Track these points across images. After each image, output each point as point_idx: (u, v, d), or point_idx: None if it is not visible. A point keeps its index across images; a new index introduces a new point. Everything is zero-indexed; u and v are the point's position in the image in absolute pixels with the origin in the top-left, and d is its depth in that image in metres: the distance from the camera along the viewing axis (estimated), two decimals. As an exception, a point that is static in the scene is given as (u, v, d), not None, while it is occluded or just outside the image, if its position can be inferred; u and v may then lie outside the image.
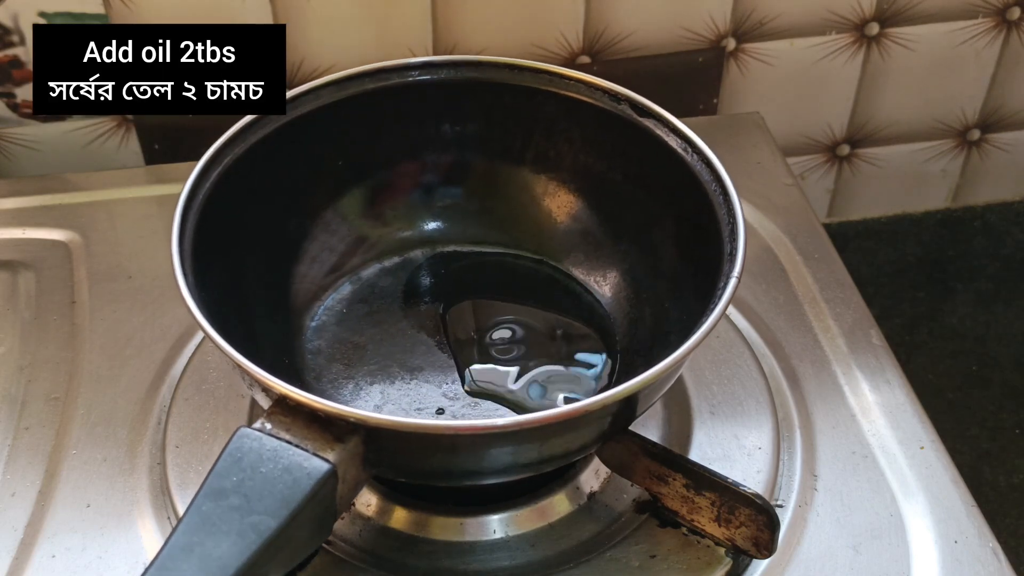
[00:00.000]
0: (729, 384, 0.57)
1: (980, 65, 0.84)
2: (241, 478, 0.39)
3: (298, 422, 0.41)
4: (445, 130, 0.59)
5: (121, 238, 0.68)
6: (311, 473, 0.39)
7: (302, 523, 0.39)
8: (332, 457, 0.40)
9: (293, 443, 0.40)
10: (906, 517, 0.52)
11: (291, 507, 0.38)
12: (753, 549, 0.48)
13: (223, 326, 0.44)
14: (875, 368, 0.60)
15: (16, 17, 0.69)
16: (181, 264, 0.47)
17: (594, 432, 0.46)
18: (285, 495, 0.39)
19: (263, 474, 0.39)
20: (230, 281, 0.51)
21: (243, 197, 0.53)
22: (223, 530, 0.37)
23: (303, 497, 0.39)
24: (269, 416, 0.42)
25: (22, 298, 0.63)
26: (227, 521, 0.38)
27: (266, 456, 0.40)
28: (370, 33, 0.73)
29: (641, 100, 0.55)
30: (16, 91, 0.72)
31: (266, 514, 0.38)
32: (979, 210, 0.94)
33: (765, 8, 0.78)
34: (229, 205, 0.51)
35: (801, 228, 0.69)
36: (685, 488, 0.49)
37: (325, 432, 0.41)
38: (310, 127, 0.55)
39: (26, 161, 0.75)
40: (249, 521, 0.38)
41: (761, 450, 0.54)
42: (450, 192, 0.61)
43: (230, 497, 0.38)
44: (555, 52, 0.76)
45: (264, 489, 0.39)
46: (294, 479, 0.39)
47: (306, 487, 0.39)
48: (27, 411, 0.57)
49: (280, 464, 0.40)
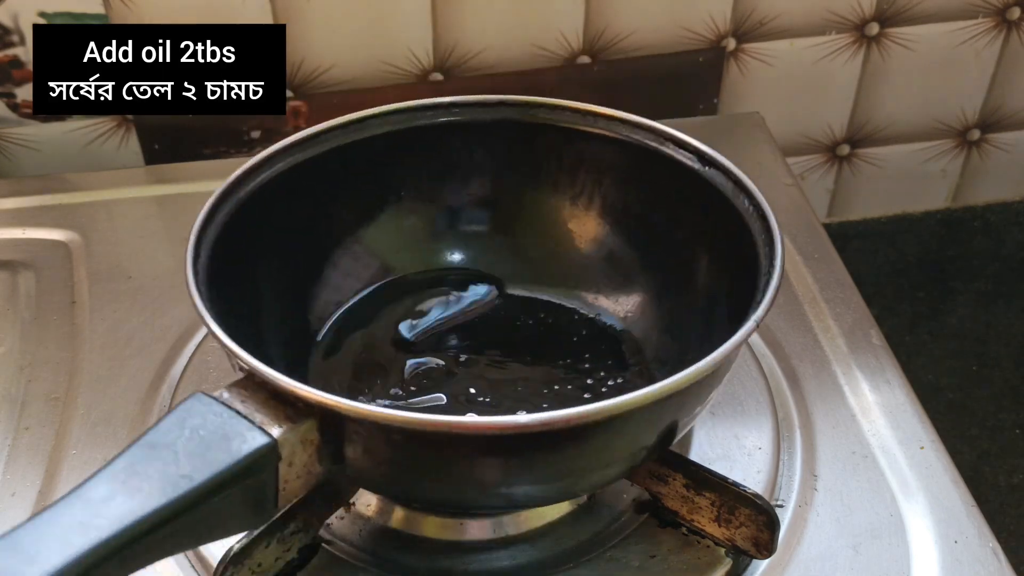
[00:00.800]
0: (729, 384, 0.57)
1: (980, 65, 0.84)
2: (178, 436, 0.38)
3: (256, 397, 0.41)
4: (476, 166, 0.59)
5: (121, 238, 0.68)
6: (248, 442, 0.38)
7: (229, 493, 0.38)
8: (276, 432, 0.39)
9: (241, 413, 0.40)
10: (906, 517, 0.52)
11: (215, 469, 0.37)
12: (753, 549, 0.48)
13: (230, 327, 0.44)
14: (875, 368, 0.60)
15: (16, 17, 0.69)
16: (195, 259, 0.46)
17: (623, 453, 0.45)
18: (214, 459, 0.38)
19: (201, 436, 0.38)
20: (245, 299, 0.51)
21: (260, 223, 0.52)
22: (141, 480, 0.36)
23: (232, 463, 0.38)
24: (230, 387, 0.41)
25: (22, 298, 0.63)
26: (148, 473, 0.37)
27: (210, 420, 0.39)
28: (370, 33, 0.73)
29: (705, 150, 0.53)
30: (16, 91, 0.72)
31: (189, 473, 0.37)
32: (979, 210, 0.94)
33: (765, 8, 0.78)
34: (247, 231, 0.51)
35: (801, 228, 0.69)
36: (685, 488, 0.49)
37: (278, 410, 0.40)
38: (337, 159, 0.55)
39: (26, 161, 0.75)
40: (169, 476, 0.37)
41: (761, 450, 0.54)
42: (477, 222, 0.60)
43: (161, 451, 0.37)
44: (555, 52, 0.76)
45: (196, 450, 0.38)
46: (229, 445, 0.38)
47: (237, 455, 0.38)
48: (27, 411, 0.57)
49: (220, 430, 0.39)
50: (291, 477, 0.41)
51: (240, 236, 0.50)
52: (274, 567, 0.47)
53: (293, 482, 0.41)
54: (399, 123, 0.56)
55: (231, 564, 0.44)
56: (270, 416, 0.40)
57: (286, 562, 0.47)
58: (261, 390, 0.41)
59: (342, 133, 0.55)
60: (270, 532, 0.45)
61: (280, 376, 0.40)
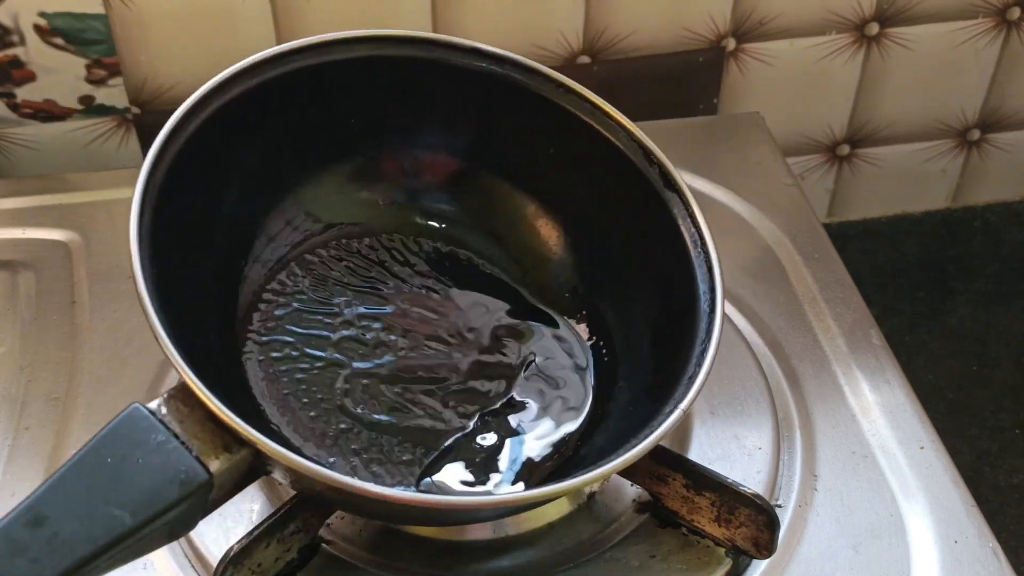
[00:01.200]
0: (729, 384, 0.57)
1: (980, 65, 0.84)
2: (119, 458, 0.38)
3: (194, 416, 0.40)
4: (457, 127, 0.56)
5: (121, 238, 0.67)
6: (185, 480, 0.39)
7: (161, 524, 0.38)
8: (214, 467, 0.39)
9: (180, 438, 0.39)
10: (906, 517, 0.52)
11: (154, 510, 0.38)
12: (753, 549, 0.48)
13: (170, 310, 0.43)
14: (875, 368, 0.60)
15: (16, 17, 0.69)
16: (139, 238, 0.46)
17: None
18: (152, 495, 0.38)
19: (139, 465, 0.38)
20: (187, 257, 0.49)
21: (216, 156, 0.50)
22: (79, 510, 0.37)
23: (169, 502, 0.38)
24: (168, 400, 0.40)
25: (22, 298, 0.63)
26: (86, 502, 0.37)
27: (151, 446, 0.39)
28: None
29: (669, 169, 0.53)
30: (16, 91, 0.72)
31: (125, 509, 0.37)
32: (979, 210, 0.94)
33: (765, 8, 0.78)
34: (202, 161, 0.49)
35: (801, 228, 0.69)
36: (685, 488, 0.49)
37: (216, 436, 0.40)
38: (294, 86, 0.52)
39: (26, 161, 0.75)
40: (106, 511, 0.37)
41: (761, 450, 0.54)
42: (443, 196, 0.58)
43: (100, 476, 0.38)
44: (555, 52, 0.76)
45: (134, 480, 0.38)
46: (167, 480, 0.38)
47: (175, 494, 0.38)
48: (27, 411, 0.57)
49: (159, 459, 0.39)
50: (219, 497, 0.41)
51: (186, 183, 0.48)
52: (274, 567, 0.47)
53: (220, 500, 0.41)
54: (360, 51, 0.53)
55: (231, 564, 0.44)
56: (207, 444, 0.40)
57: (286, 562, 0.47)
58: (198, 408, 0.40)
59: (299, 57, 0.52)
60: (270, 532, 0.45)
61: (219, 405, 0.40)
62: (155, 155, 0.47)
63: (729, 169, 0.71)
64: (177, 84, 0.73)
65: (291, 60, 0.52)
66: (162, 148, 0.47)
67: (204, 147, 0.49)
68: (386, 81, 0.55)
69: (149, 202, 0.47)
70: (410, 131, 0.57)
